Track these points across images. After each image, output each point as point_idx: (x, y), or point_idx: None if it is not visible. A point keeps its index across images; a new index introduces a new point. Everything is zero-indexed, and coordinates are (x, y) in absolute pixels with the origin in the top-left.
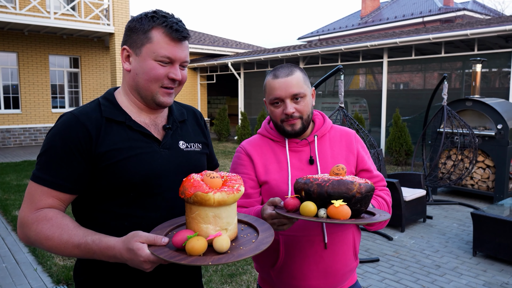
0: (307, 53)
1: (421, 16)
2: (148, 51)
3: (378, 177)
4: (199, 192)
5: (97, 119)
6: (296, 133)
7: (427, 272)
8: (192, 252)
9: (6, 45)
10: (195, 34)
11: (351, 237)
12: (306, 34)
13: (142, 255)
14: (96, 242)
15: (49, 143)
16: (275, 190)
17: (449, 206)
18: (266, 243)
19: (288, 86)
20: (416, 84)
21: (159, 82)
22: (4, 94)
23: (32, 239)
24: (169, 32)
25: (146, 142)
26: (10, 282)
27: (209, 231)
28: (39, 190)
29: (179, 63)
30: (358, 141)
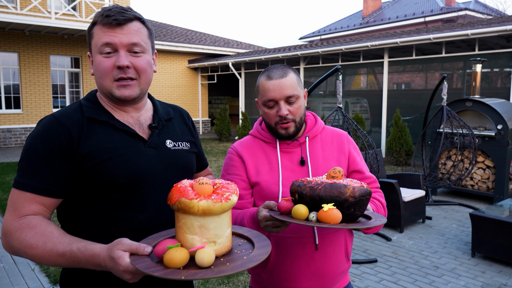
0: (307, 53)
1: (423, 16)
2: (93, 48)
3: (371, 178)
4: (183, 198)
5: (78, 119)
6: (289, 136)
7: (425, 273)
8: (169, 264)
9: (7, 45)
10: (195, 34)
11: (343, 239)
12: (307, 34)
13: (121, 264)
14: (81, 250)
15: (30, 147)
16: (266, 191)
17: (449, 206)
18: (255, 261)
19: (282, 88)
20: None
21: (109, 75)
22: (5, 94)
23: (15, 248)
24: (102, 20)
25: (131, 141)
26: (8, 282)
27: (195, 242)
28: (22, 196)
29: (123, 48)
30: (349, 142)
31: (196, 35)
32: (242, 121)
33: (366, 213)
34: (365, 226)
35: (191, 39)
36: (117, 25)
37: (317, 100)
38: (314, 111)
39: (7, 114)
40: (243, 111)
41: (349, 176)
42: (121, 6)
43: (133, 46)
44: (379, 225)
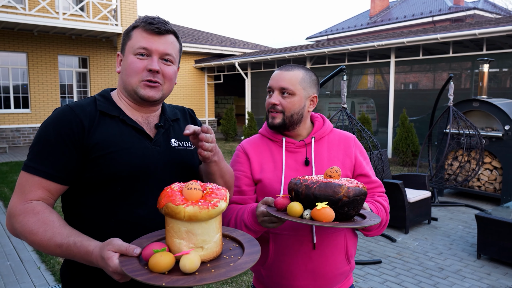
0: (314, 53)
1: (431, 15)
2: (128, 48)
3: (376, 183)
4: (170, 203)
5: (91, 111)
6: (274, 126)
7: (429, 275)
8: (154, 269)
9: (16, 46)
10: (202, 34)
11: (343, 240)
12: (314, 34)
13: (110, 265)
14: (77, 244)
15: (43, 133)
16: (268, 189)
17: (455, 208)
18: (240, 269)
19: (280, 79)
20: (424, 84)
21: (139, 75)
22: (14, 93)
23: (17, 230)
24: (144, 26)
25: (138, 138)
26: (14, 280)
27: (182, 247)
28: (30, 180)
29: (157, 55)
30: (357, 146)
31: (203, 35)
32: (248, 121)
33: (362, 213)
34: (358, 225)
35: (197, 39)
36: (157, 34)
37: (323, 100)
38: (320, 111)
39: (15, 114)
40: (249, 111)
41: (355, 179)
42: (162, 18)
43: (166, 55)
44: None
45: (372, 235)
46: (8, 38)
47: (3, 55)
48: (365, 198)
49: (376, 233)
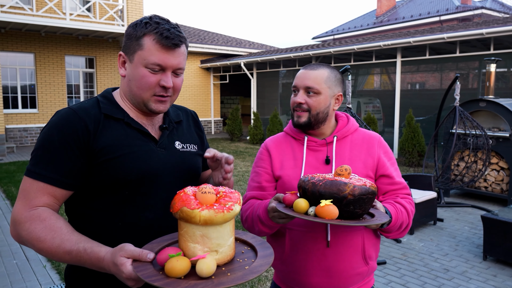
0: (319, 53)
1: (438, 15)
2: (139, 58)
3: (400, 184)
4: (185, 207)
5: (95, 114)
6: (300, 125)
7: (434, 276)
8: (170, 273)
9: (23, 46)
10: (208, 34)
11: (360, 240)
12: (320, 34)
13: (124, 272)
14: (87, 251)
15: (46, 137)
16: (287, 186)
17: (461, 208)
18: (256, 272)
19: (305, 78)
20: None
21: (151, 90)
22: (21, 94)
23: (23, 238)
24: (160, 39)
25: (143, 140)
26: (20, 279)
27: (196, 251)
28: (34, 186)
29: (171, 70)
30: (381, 146)
31: (209, 35)
32: (253, 121)
33: (372, 212)
34: (360, 224)
35: (203, 39)
36: (173, 49)
37: None
38: None
39: (23, 114)
40: (254, 111)
41: (377, 180)
42: (174, 24)
43: (178, 69)
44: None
45: (393, 237)
46: (16, 38)
47: (11, 56)
48: (373, 197)
49: (396, 236)
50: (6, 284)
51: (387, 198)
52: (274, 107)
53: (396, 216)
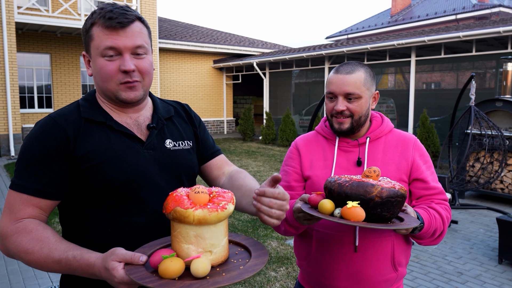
0: (332, 53)
1: (454, 13)
2: (94, 50)
3: (435, 189)
4: (178, 207)
5: (75, 120)
6: (342, 132)
7: (448, 279)
8: (164, 275)
9: (40, 47)
10: (221, 34)
11: (389, 246)
12: (334, 34)
13: (116, 276)
14: (77, 258)
15: (27, 148)
16: (316, 186)
17: (477, 210)
18: (251, 271)
19: (344, 84)
20: (446, 83)
21: (114, 78)
22: (38, 94)
23: (11, 251)
24: (104, 22)
25: (127, 143)
26: (32, 276)
27: (190, 252)
28: (18, 198)
29: (128, 51)
30: (416, 148)
31: (221, 35)
32: (266, 121)
33: (401, 216)
34: (387, 227)
35: (216, 39)
36: (121, 28)
37: None
38: None
39: (39, 113)
40: (267, 111)
41: (411, 184)
42: (120, 5)
43: (137, 48)
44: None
45: (425, 244)
46: (33, 39)
47: (28, 56)
48: (402, 201)
49: (430, 243)
50: (19, 281)
51: (421, 203)
52: (286, 107)
53: (429, 222)
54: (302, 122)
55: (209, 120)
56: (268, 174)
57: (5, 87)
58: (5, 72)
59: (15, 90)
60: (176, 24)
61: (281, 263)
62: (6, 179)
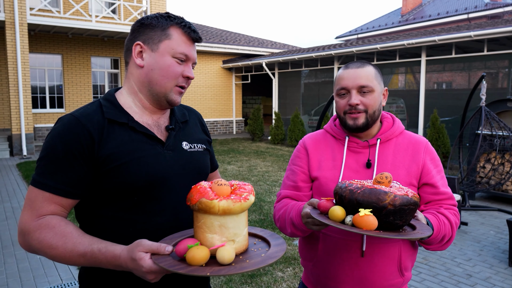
0: (342, 53)
1: (466, 12)
2: (167, 48)
3: (446, 194)
4: (204, 199)
5: (99, 121)
6: (358, 128)
7: (456, 282)
8: (192, 262)
9: (51, 48)
10: (230, 34)
11: (396, 251)
12: (344, 33)
13: (143, 265)
14: (102, 251)
15: (50, 146)
16: (324, 188)
17: (487, 212)
18: (274, 257)
19: (357, 77)
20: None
21: (175, 80)
22: (49, 94)
23: (34, 247)
24: (188, 32)
25: (149, 144)
26: (42, 274)
27: (214, 241)
28: (40, 196)
29: (192, 62)
30: (428, 152)
31: (231, 36)
32: (275, 121)
33: (413, 224)
34: (401, 237)
35: (225, 40)
36: (196, 42)
37: None
38: None
39: (51, 113)
40: (276, 111)
41: (420, 188)
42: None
43: (194, 64)
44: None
45: (434, 250)
46: (45, 40)
47: (40, 57)
48: (415, 208)
49: (437, 248)
50: (30, 279)
51: (430, 208)
52: (295, 107)
53: (438, 228)
54: (311, 122)
55: (218, 120)
56: (277, 174)
57: (18, 87)
58: (18, 73)
59: (27, 90)
60: None
61: (288, 263)
62: (19, 178)
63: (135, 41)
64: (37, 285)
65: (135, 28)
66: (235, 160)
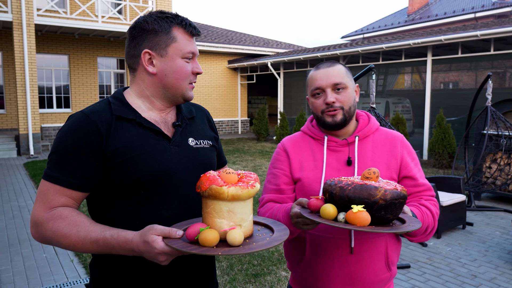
0: (347, 52)
1: (473, 11)
2: (175, 50)
3: (424, 186)
4: (213, 185)
5: (107, 117)
6: (337, 124)
7: (461, 282)
8: (204, 243)
9: (58, 48)
10: (235, 34)
11: (383, 245)
12: (350, 33)
13: (156, 247)
14: (114, 236)
15: (60, 142)
16: (308, 188)
17: (493, 212)
18: (279, 240)
19: (329, 76)
20: (464, 83)
21: (188, 78)
22: (56, 94)
23: (48, 237)
24: (189, 29)
25: (156, 139)
26: (48, 272)
27: (223, 225)
28: (51, 189)
29: (195, 57)
30: (404, 146)
31: (236, 36)
32: (280, 121)
33: (401, 217)
34: (395, 231)
35: (231, 40)
36: (196, 35)
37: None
38: None
39: (58, 113)
40: (281, 111)
41: (400, 182)
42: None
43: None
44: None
45: (417, 241)
46: (51, 41)
47: (47, 57)
48: (404, 201)
49: (421, 239)
50: (36, 277)
51: (411, 200)
52: (300, 107)
53: (422, 219)
54: None
55: (224, 120)
56: None
57: (25, 87)
58: (25, 73)
59: (34, 90)
60: None
61: None
62: (26, 177)
63: (140, 48)
64: (43, 283)
65: (136, 34)
66: (240, 160)
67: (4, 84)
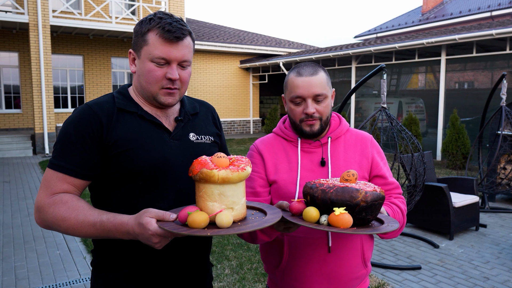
0: (359, 52)
1: (489, 10)
2: (145, 53)
3: (393, 184)
4: (204, 169)
5: (109, 108)
6: (314, 134)
7: (473, 284)
8: (193, 225)
9: (73, 49)
10: (247, 34)
11: (359, 244)
12: (363, 33)
13: (150, 229)
14: (110, 219)
15: (64, 131)
16: (283, 190)
17: (507, 214)
18: (270, 221)
19: (312, 86)
20: (479, 83)
21: (158, 83)
22: (71, 94)
23: (49, 221)
24: (162, 33)
25: (156, 132)
26: (61, 268)
27: (215, 208)
28: (55, 176)
29: (175, 63)
30: (374, 146)
31: (248, 36)
32: None
33: (379, 217)
34: (378, 232)
35: (243, 40)
36: (176, 41)
37: (369, 100)
38: (366, 111)
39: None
40: None
41: (371, 181)
42: (177, 18)
43: (184, 62)
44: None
45: (388, 238)
46: (66, 42)
47: (62, 58)
48: (382, 202)
49: (392, 236)
50: (49, 273)
51: None
52: None
53: (394, 217)
54: None
55: (236, 120)
56: None
57: (41, 87)
58: (41, 73)
59: (50, 90)
60: (203, 25)
61: None
62: (41, 176)
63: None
64: (56, 279)
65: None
66: None
67: (21, 85)
